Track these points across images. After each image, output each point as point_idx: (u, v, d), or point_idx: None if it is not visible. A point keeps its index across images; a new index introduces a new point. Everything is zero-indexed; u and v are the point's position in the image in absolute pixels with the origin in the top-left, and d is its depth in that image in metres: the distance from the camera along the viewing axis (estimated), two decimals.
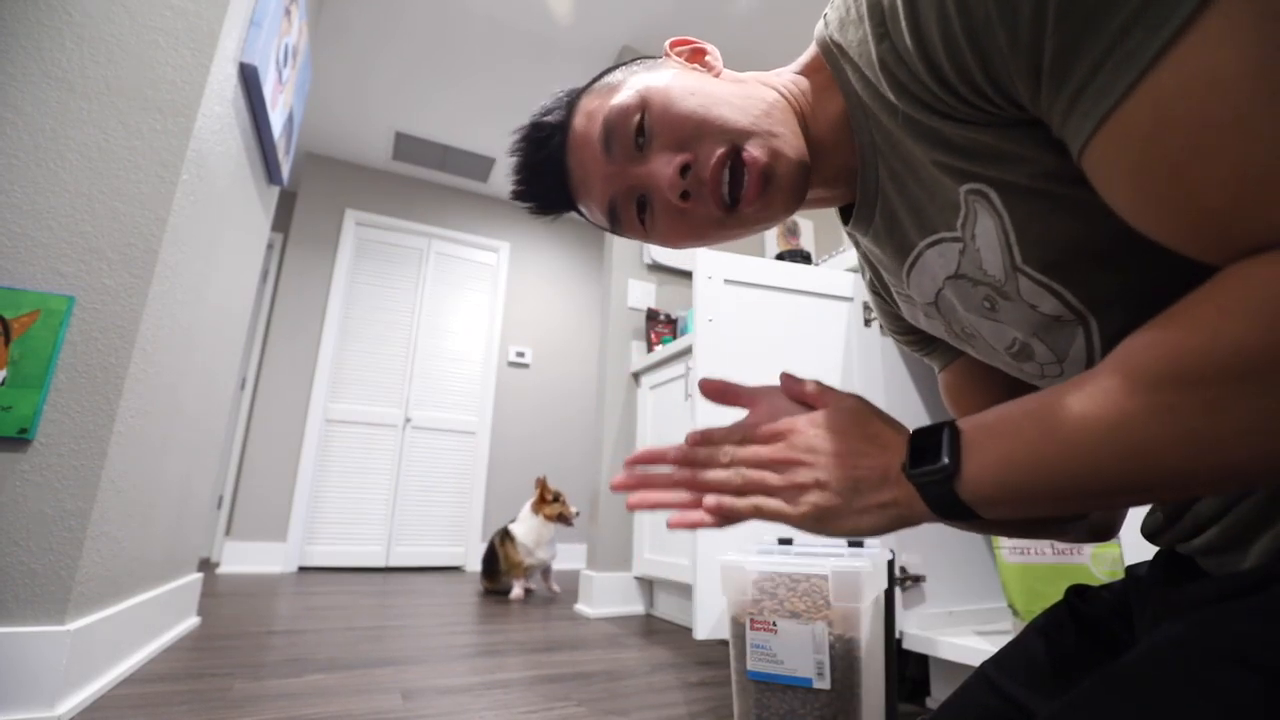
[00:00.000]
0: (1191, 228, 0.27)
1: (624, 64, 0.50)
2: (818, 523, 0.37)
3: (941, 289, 0.43)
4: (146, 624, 1.30)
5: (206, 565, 3.29)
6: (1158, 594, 0.41)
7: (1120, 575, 0.97)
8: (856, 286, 1.45)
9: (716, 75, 0.47)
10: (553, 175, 0.49)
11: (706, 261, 1.42)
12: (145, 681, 1.16)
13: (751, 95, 0.44)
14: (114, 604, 1.14)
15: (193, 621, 1.68)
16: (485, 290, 4.05)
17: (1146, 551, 0.82)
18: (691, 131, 0.43)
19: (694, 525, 0.39)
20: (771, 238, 3.04)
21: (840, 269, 1.49)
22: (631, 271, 2.58)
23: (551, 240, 4.32)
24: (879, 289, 0.56)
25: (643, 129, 0.44)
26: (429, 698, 1.14)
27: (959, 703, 0.48)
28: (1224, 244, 0.27)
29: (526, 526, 2.57)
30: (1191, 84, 0.24)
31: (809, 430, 0.39)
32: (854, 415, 0.39)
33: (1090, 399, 0.29)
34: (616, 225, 0.49)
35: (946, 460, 0.33)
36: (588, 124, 0.46)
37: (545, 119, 0.49)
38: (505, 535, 2.59)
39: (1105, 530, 0.50)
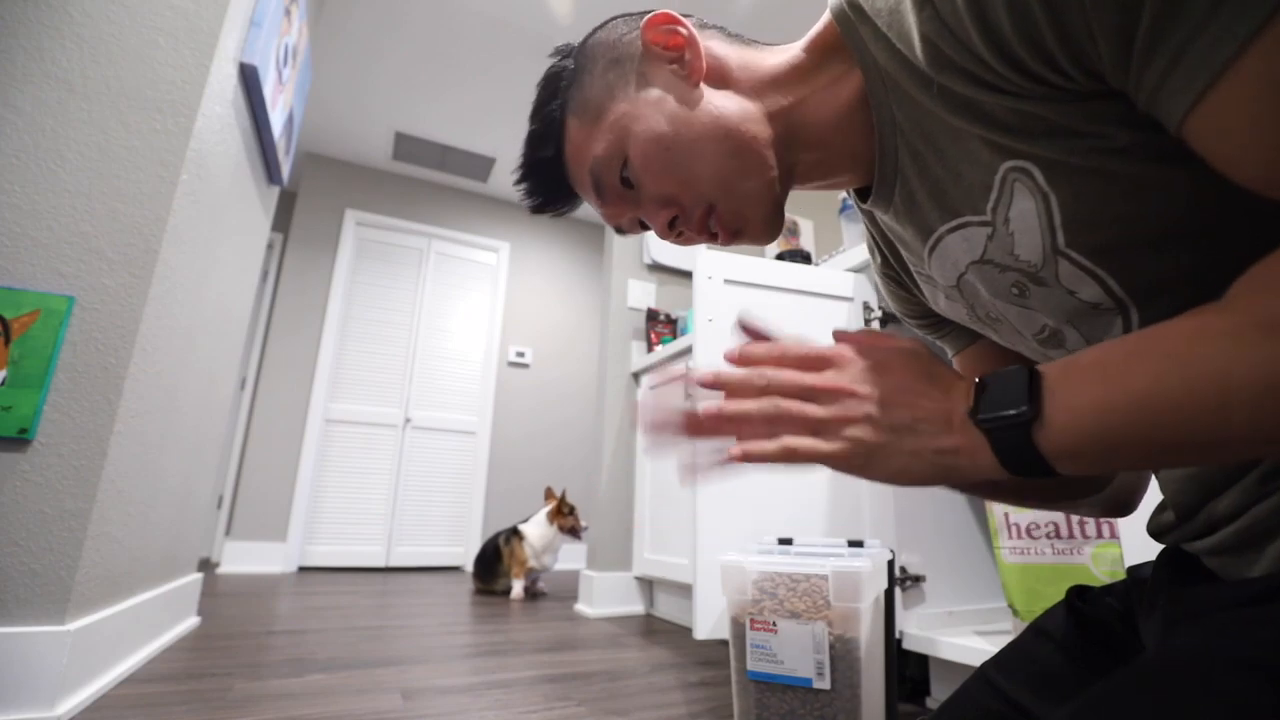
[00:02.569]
0: None
1: (601, 51, 0.48)
2: (861, 461, 0.33)
3: (964, 274, 0.42)
4: (146, 624, 1.30)
5: (206, 565, 3.29)
6: (1166, 595, 0.40)
7: (1121, 575, 0.97)
8: (857, 286, 1.44)
9: (697, 79, 0.45)
10: (559, 189, 0.52)
11: (706, 261, 1.42)
12: (145, 681, 1.16)
13: (728, 133, 0.43)
14: (114, 604, 1.14)
15: (193, 621, 1.68)
16: (485, 290, 4.05)
17: (1146, 551, 0.82)
18: (671, 193, 0.46)
19: (707, 472, 0.36)
20: None
21: (840, 269, 1.49)
22: (631, 271, 2.58)
23: (551, 240, 4.32)
24: (893, 272, 0.54)
25: (627, 178, 0.47)
26: (429, 698, 1.14)
27: (959, 704, 0.48)
28: None
29: (539, 531, 2.61)
30: None
31: (863, 359, 0.35)
32: (915, 353, 0.36)
33: (1218, 332, 0.26)
34: (623, 234, 0.54)
35: (1025, 405, 0.29)
36: (577, 155, 0.49)
37: (541, 154, 0.51)
38: (514, 533, 2.63)
39: (1123, 505, 0.48)
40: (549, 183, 0.52)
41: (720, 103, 0.44)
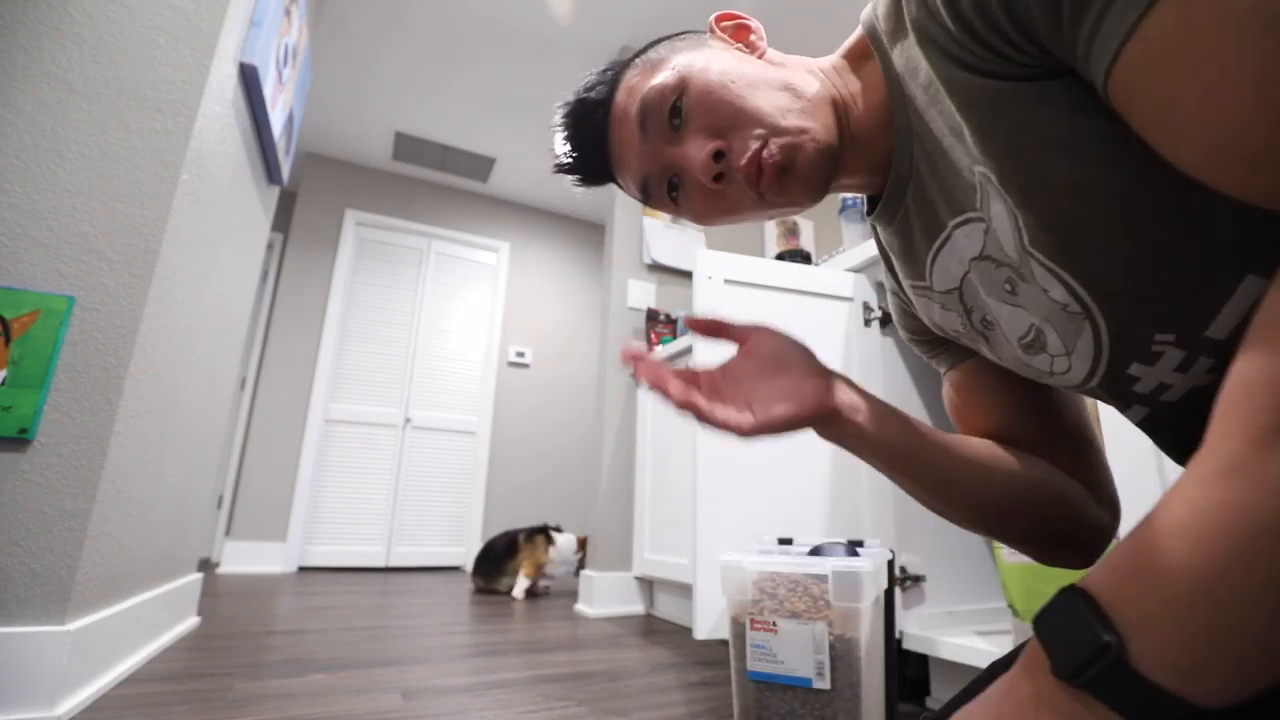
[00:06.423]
0: (1219, 146, 0.25)
1: (668, 38, 0.50)
2: None
3: (967, 272, 0.43)
4: (146, 624, 1.30)
5: (206, 565, 3.29)
6: None
7: None
8: (856, 286, 1.45)
9: (759, 56, 0.47)
10: (595, 150, 0.50)
11: (706, 261, 1.42)
12: (145, 681, 1.16)
13: (789, 84, 0.44)
14: (114, 604, 1.13)
15: (193, 621, 1.68)
16: (485, 290, 4.05)
17: None
18: (727, 120, 0.44)
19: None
20: (771, 238, 3.04)
21: (840, 269, 1.49)
22: (631, 271, 2.58)
23: (551, 240, 4.32)
24: (898, 288, 0.56)
25: (678, 110, 0.45)
26: (429, 698, 1.14)
27: (967, 701, 0.48)
28: (1260, 163, 0.24)
29: (568, 543, 2.65)
30: None
31: None
32: None
33: (1224, 478, 0.23)
34: (649, 200, 0.50)
35: (1106, 637, 0.24)
36: (628, 100, 0.47)
37: (589, 95, 0.50)
38: (542, 532, 2.65)
39: (1082, 545, 0.49)
40: (588, 138, 0.50)
41: (782, 68, 0.46)
